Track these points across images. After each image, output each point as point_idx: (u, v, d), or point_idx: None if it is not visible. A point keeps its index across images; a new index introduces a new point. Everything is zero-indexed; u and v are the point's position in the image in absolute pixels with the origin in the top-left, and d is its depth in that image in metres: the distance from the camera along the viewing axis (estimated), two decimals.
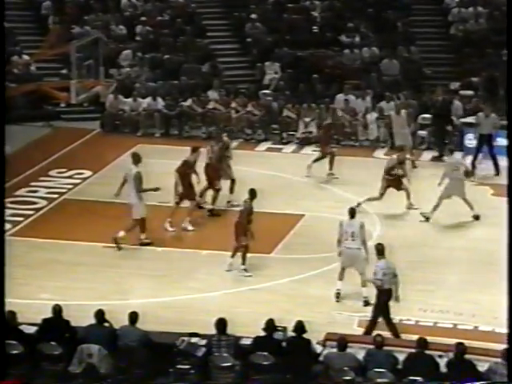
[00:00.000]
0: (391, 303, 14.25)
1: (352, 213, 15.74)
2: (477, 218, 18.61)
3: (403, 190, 18.93)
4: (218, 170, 18.90)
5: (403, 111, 22.10)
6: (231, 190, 19.12)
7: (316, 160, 20.85)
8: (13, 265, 15.88)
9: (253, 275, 16.21)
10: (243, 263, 16.24)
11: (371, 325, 14.10)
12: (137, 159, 17.61)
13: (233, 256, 16.35)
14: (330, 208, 18.80)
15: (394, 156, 19.32)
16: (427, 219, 18.51)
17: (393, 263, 14.38)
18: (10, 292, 11.91)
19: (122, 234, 17.05)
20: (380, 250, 14.45)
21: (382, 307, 14.16)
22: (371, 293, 14.71)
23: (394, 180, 18.76)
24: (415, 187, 19.79)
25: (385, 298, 14.18)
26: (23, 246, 16.93)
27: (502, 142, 21.45)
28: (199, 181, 18.21)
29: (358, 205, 17.90)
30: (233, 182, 19.14)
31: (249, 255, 16.33)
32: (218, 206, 18.82)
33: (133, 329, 13.17)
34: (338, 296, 15.37)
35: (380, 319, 14.14)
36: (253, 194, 16.53)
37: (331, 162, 20.75)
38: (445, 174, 18.80)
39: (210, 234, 17.98)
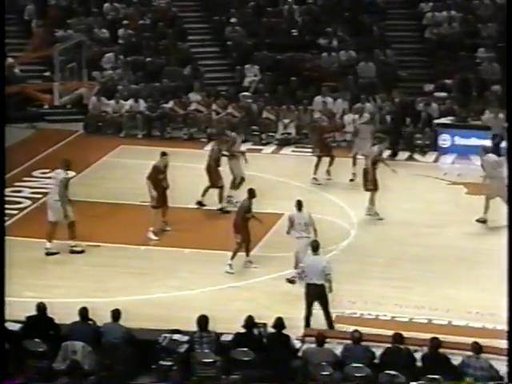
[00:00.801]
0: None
1: (299, 205, 16.07)
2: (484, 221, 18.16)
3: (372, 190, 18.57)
4: (217, 168, 18.82)
5: (366, 115, 21.96)
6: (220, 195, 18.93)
7: (316, 167, 20.56)
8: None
9: (234, 273, 16.22)
10: (232, 258, 16.25)
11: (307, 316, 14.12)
12: (66, 165, 17.23)
13: (246, 254, 16.44)
14: (309, 207, 18.80)
15: (375, 148, 19.17)
16: (484, 222, 18.08)
17: (327, 261, 14.26)
18: None
19: (48, 244, 16.79)
20: (314, 247, 14.50)
21: (307, 300, 14.13)
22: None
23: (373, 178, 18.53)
24: (391, 186, 19.91)
25: (307, 292, 14.11)
26: (7, 244, 16.80)
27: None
28: (168, 187, 17.79)
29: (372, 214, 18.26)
30: (233, 182, 18.99)
31: (231, 253, 16.32)
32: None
33: (116, 326, 13.15)
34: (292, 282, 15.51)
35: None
36: (251, 193, 16.57)
37: (330, 163, 20.58)
38: (486, 175, 18.32)
39: (193, 234, 17.94)
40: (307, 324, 14.07)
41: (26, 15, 27.29)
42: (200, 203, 19.01)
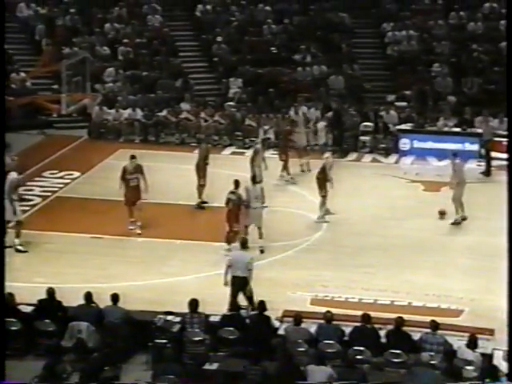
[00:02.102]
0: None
1: (253, 180, 16.54)
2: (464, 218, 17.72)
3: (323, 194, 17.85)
4: (204, 166, 18.55)
5: (301, 112, 21.76)
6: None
7: (284, 169, 20.24)
8: (12, 253, 15.78)
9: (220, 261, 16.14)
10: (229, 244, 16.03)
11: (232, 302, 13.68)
12: (20, 173, 16.85)
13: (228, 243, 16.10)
14: (286, 203, 18.84)
15: (328, 155, 18.82)
16: (464, 219, 17.55)
17: (249, 257, 13.89)
18: (10, 276, 11.75)
19: (17, 241, 16.24)
20: (242, 243, 14.25)
21: (232, 290, 13.66)
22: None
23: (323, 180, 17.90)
24: (358, 184, 19.91)
25: (233, 283, 13.69)
26: (21, 237, 16.71)
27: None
28: (146, 187, 17.27)
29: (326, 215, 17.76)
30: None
31: (217, 244, 16.22)
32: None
33: (116, 308, 13.09)
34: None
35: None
36: (237, 184, 16.30)
37: (284, 167, 20.30)
38: (457, 178, 17.75)
39: (183, 227, 17.85)
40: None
41: (37, 35, 27.11)
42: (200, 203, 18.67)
